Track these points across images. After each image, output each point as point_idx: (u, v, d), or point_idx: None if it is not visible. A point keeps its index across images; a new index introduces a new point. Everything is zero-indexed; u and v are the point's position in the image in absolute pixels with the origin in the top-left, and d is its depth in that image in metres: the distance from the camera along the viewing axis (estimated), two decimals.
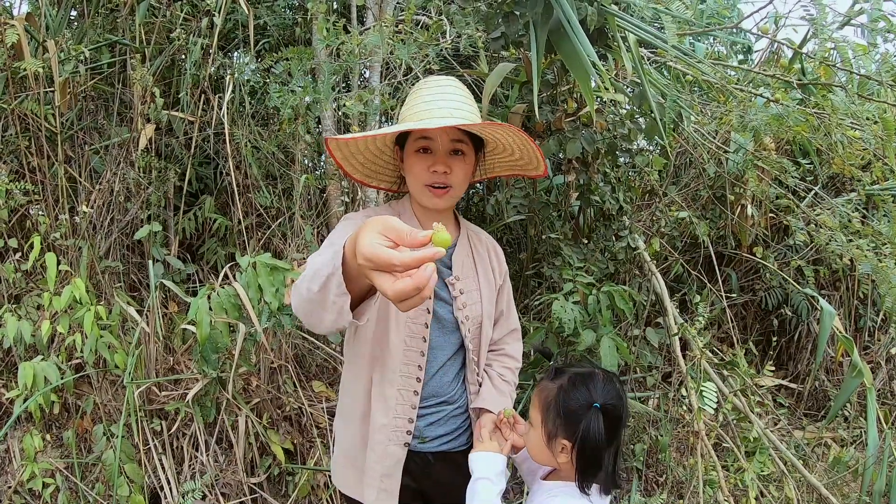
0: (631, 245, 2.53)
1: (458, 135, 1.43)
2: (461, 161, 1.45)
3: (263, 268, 2.01)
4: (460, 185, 1.47)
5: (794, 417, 3.98)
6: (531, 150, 1.49)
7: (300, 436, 2.72)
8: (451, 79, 1.49)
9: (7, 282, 2.80)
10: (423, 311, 1.47)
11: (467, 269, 1.56)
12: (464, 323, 1.51)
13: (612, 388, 1.30)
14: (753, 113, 2.44)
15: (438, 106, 1.39)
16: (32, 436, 2.61)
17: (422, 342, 1.47)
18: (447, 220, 1.56)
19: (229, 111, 2.75)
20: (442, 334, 1.52)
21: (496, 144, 1.53)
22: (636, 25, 2.07)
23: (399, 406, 1.47)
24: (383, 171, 1.65)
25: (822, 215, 2.64)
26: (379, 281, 0.77)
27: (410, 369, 1.47)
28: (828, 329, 2.86)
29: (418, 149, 1.43)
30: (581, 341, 2.28)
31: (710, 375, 2.38)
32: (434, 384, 1.52)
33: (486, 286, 1.58)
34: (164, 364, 2.70)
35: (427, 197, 1.44)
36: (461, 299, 1.51)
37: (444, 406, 1.55)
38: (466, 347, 1.54)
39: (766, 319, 4.10)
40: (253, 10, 2.80)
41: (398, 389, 1.47)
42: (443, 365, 1.53)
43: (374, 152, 1.57)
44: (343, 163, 1.57)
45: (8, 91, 2.87)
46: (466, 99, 1.45)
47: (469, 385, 1.59)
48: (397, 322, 1.45)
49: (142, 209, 3.01)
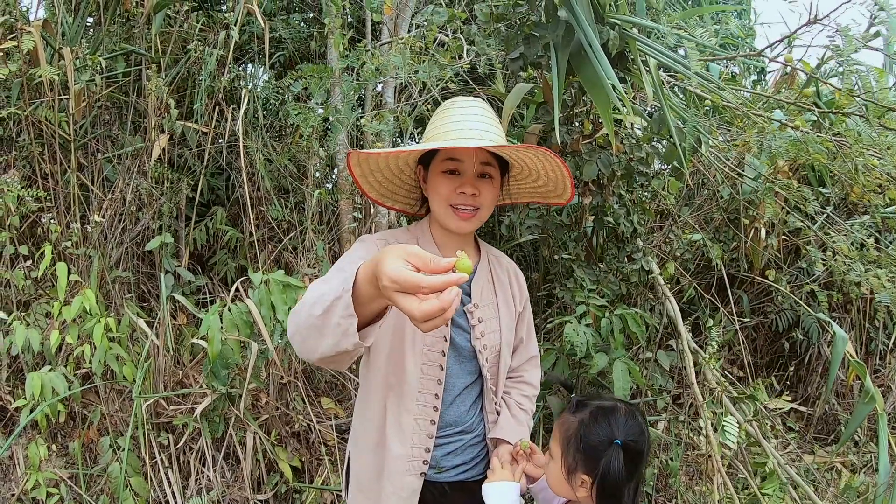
0: (644, 268, 2.50)
1: (486, 157, 1.40)
2: (489, 184, 1.42)
3: (276, 285, 2.00)
4: (488, 208, 1.44)
5: (803, 441, 3.93)
6: (559, 176, 1.46)
7: (308, 453, 2.70)
8: (477, 100, 1.46)
9: (17, 288, 2.79)
10: (441, 338, 1.44)
11: (487, 296, 1.52)
12: (481, 352, 1.49)
13: (634, 423, 1.28)
14: (772, 138, 2.42)
15: (468, 126, 1.37)
16: (38, 444, 2.60)
17: (439, 370, 1.44)
18: (468, 244, 1.53)
19: (243, 123, 2.75)
20: (459, 362, 1.49)
21: (521, 169, 1.50)
22: (658, 50, 2.06)
23: (416, 435, 1.44)
24: (399, 191, 1.62)
25: (837, 242, 2.62)
26: (404, 302, 0.81)
27: (427, 398, 1.44)
28: (840, 355, 2.82)
29: (446, 170, 1.40)
30: (593, 364, 2.26)
31: (729, 409, 2.34)
32: (451, 413, 1.49)
33: (505, 313, 1.55)
34: (172, 377, 2.68)
35: (453, 219, 1.41)
36: (479, 328, 1.48)
37: (462, 435, 1.52)
38: (484, 377, 1.52)
39: (777, 342, 4.07)
40: (268, 22, 2.80)
41: (415, 418, 1.44)
42: (460, 393, 1.50)
43: (393, 171, 1.54)
44: (361, 179, 1.54)
45: (23, 97, 2.87)
46: (493, 121, 1.43)
47: (487, 414, 1.56)
48: (413, 349, 1.42)
49: (153, 219, 3.00)
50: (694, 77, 1.97)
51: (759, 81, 4.12)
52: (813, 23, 2.07)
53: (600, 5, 1.98)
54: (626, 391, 2.27)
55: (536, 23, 2.03)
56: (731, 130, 2.84)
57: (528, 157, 1.42)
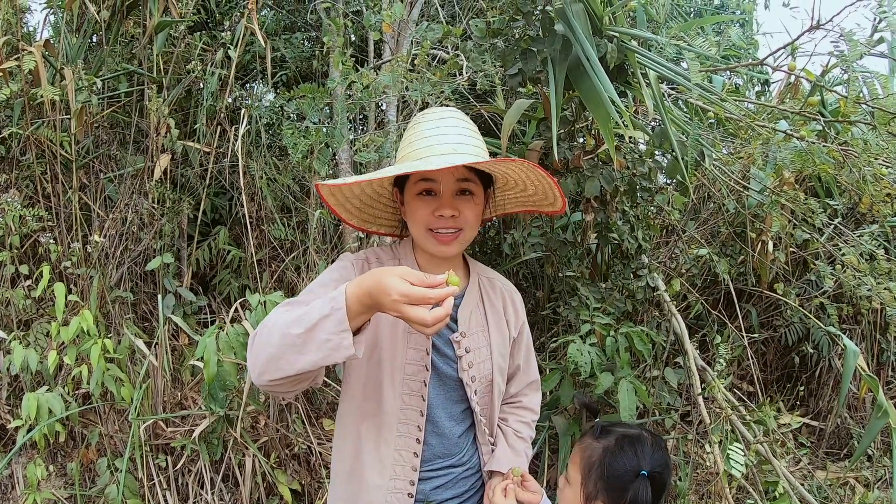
0: (650, 285, 2.46)
1: (464, 173, 1.29)
2: (470, 202, 1.31)
3: (273, 307, 1.97)
4: (472, 228, 1.34)
5: (815, 457, 3.86)
6: (546, 186, 1.38)
7: (308, 475, 2.65)
8: (451, 110, 1.36)
9: (17, 307, 2.78)
10: (422, 367, 1.36)
11: (476, 322, 1.44)
12: (469, 385, 1.40)
13: (660, 454, 1.25)
14: (776, 149, 2.38)
15: (440, 142, 1.26)
16: (36, 464, 2.57)
17: (420, 401, 1.37)
18: (456, 266, 1.43)
19: (245, 143, 2.74)
20: (444, 392, 1.41)
21: (507, 180, 1.41)
22: (657, 62, 2.03)
23: (398, 467, 1.36)
24: (382, 215, 1.53)
25: (847, 255, 2.57)
26: (415, 312, 0.99)
27: (409, 428, 1.37)
28: (851, 369, 2.77)
29: (420, 191, 1.30)
30: (599, 384, 2.21)
31: (737, 426, 2.29)
32: (438, 445, 1.41)
33: (497, 339, 1.46)
34: (171, 398, 2.65)
35: (432, 244, 1.32)
36: (466, 358, 1.39)
37: (452, 468, 1.44)
38: (473, 409, 1.43)
39: (787, 356, 4.00)
40: (270, 42, 2.80)
41: (395, 449, 1.36)
42: (447, 425, 1.42)
43: (371, 196, 1.46)
44: (338, 208, 1.45)
45: (25, 117, 2.88)
46: (470, 131, 1.31)
47: (481, 446, 1.49)
48: (392, 379, 1.35)
49: (154, 239, 2.99)
50: (695, 89, 1.94)
51: (763, 92, 4.09)
52: (816, 28, 2.03)
53: (598, 18, 1.95)
54: (633, 411, 2.22)
55: (533, 37, 2.01)
56: (735, 143, 2.80)
57: (510, 169, 1.34)
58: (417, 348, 1.36)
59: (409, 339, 1.36)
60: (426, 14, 3.20)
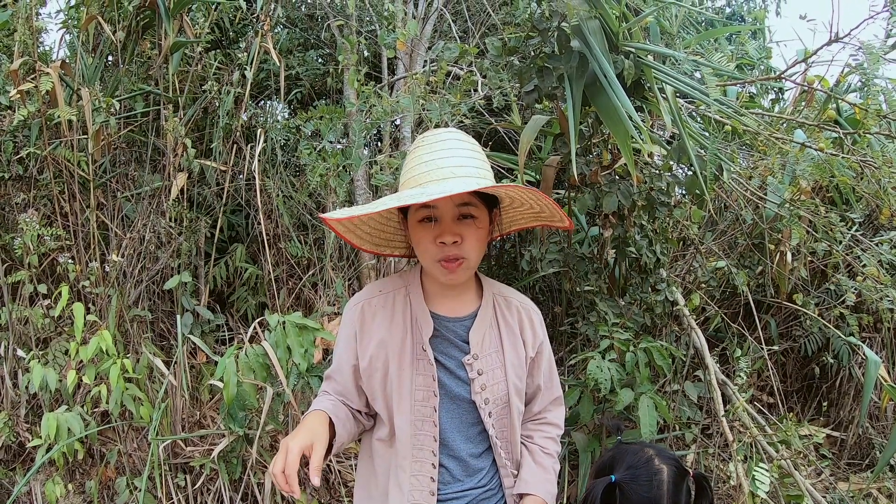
0: (669, 298, 2.44)
1: (464, 197, 1.27)
2: (472, 226, 1.30)
3: (292, 327, 1.96)
4: (475, 255, 1.33)
5: (837, 468, 3.80)
6: (550, 206, 1.37)
7: (328, 494, 2.64)
8: (451, 131, 1.36)
9: (35, 326, 2.80)
10: (430, 393, 1.36)
11: (489, 344, 1.42)
12: (483, 407, 1.39)
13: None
14: (794, 161, 2.36)
15: (438, 166, 1.24)
16: (55, 482, 2.58)
17: (432, 426, 1.37)
18: (467, 287, 1.44)
19: (261, 161, 2.75)
20: (458, 415, 1.40)
21: (512, 200, 1.40)
22: (674, 77, 2.02)
23: (416, 492, 1.36)
24: (394, 238, 1.53)
25: (868, 266, 2.54)
26: (279, 454, 1.16)
27: (424, 454, 1.37)
28: (873, 379, 2.74)
29: (421, 218, 1.29)
30: (619, 401, 2.19)
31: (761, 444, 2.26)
32: (456, 469, 1.41)
33: (513, 359, 1.44)
34: (190, 417, 2.65)
35: (441, 272, 1.31)
36: (479, 381, 1.38)
37: (471, 490, 1.43)
38: (488, 431, 1.42)
39: (807, 366, 3.95)
40: (284, 60, 2.81)
41: (412, 475, 1.36)
42: (463, 447, 1.41)
43: (379, 221, 1.46)
44: (347, 235, 1.45)
45: (42, 137, 2.91)
46: (471, 153, 1.30)
47: (500, 468, 1.47)
48: (400, 406, 1.36)
49: (172, 258, 3.00)
50: (713, 104, 1.93)
51: (777, 100, 4.05)
52: (834, 41, 2.02)
53: (614, 34, 1.95)
54: (654, 427, 2.20)
55: (549, 55, 2.01)
56: (753, 155, 2.78)
57: (512, 191, 1.33)
58: (425, 374, 1.37)
59: (417, 366, 1.38)
60: (439, 30, 3.21)
